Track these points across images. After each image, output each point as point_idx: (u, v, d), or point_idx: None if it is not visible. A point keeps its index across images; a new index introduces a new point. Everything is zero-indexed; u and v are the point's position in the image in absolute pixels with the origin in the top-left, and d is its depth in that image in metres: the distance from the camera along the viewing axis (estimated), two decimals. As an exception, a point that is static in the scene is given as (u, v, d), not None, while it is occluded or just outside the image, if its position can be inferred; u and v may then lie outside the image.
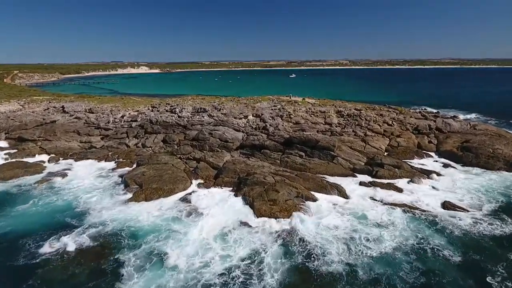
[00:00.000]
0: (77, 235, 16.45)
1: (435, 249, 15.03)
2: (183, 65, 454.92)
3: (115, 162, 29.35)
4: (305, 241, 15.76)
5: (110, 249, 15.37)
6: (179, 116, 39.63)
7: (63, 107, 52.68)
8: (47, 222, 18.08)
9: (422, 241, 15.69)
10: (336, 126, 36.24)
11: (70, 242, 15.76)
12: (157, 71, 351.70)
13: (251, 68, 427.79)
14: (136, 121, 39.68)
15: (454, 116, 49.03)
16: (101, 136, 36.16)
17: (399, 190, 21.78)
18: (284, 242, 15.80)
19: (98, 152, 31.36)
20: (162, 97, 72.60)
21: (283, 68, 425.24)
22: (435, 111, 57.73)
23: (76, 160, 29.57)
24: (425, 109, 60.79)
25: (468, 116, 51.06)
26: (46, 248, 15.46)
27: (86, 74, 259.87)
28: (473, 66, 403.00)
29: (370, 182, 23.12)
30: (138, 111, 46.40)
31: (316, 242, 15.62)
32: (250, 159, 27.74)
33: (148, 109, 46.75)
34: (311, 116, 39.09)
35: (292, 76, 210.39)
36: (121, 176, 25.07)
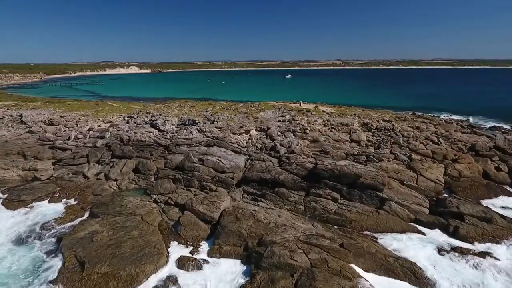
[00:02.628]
0: None
1: None
2: (175, 65, 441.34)
3: (63, 204, 20.34)
4: None
5: None
6: (160, 131, 30.53)
7: (21, 115, 43.09)
8: None
9: None
10: (366, 145, 27.68)
11: None
12: (147, 71, 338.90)
13: (244, 68, 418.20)
14: (104, 137, 30.37)
15: (493, 126, 41.38)
16: (53, 160, 26.79)
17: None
18: None
19: (41, 188, 22.01)
20: (147, 101, 63.16)
21: (277, 68, 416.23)
22: (464, 119, 49.82)
23: (3, 203, 20.20)
24: (450, 115, 53.07)
25: (508, 126, 42.82)
26: None
27: (73, 74, 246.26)
28: (466, 67, 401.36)
29: (456, 251, 14.55)
30: (110, 122, 37.08)
31: None
32: (259, 203, 18.88)
33: (124, 119, 37.46)
34: (331, 131, 30.42)
35: (288, 76, 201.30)
36: (59, 238, 15.93)
